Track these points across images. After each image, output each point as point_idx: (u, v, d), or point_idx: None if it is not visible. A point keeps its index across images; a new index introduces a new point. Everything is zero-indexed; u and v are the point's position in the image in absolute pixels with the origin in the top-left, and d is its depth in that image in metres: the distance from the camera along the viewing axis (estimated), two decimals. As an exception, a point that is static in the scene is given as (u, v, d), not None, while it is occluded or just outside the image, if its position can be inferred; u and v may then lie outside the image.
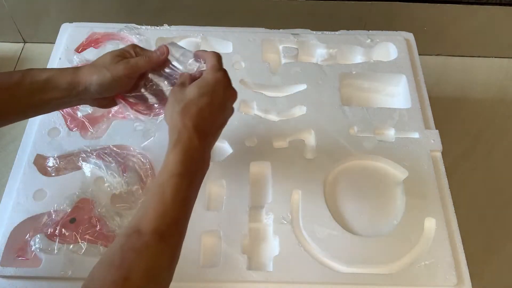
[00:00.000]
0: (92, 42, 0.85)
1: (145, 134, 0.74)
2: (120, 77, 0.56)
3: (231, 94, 0.55)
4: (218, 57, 0.56)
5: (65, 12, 1.20)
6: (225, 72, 0.55)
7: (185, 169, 0.48)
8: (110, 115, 0.76)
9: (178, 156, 0.48)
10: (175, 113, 0.51)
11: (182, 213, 0.48)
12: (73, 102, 0.57)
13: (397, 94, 0.84)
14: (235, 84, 0.79)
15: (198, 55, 0.59)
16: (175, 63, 0.59)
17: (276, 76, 0.82)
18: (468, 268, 0.64)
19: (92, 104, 0.60)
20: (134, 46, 0.59)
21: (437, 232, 0.66)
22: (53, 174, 0.70)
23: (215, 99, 0.53)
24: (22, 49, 1.29)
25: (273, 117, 0.78)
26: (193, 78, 0.56)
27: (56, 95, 0.55)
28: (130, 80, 0.57)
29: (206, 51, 0.58)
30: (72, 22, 0.89)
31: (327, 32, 0.89)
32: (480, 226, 1.03)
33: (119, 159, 0.70)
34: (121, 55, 0.57)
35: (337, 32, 0.89)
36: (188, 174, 0.48)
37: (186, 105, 0.51)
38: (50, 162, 0.70)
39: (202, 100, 0.52)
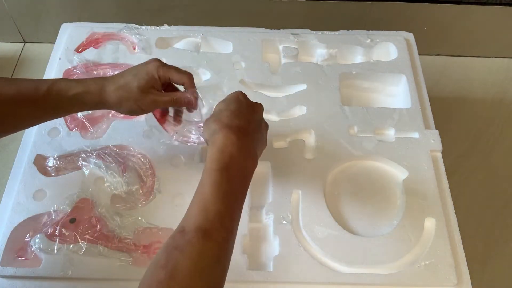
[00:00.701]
0: (92, 42, 0.85)
1: (145, 134, 0.74)
2: (145, 108, 0.60)
3: (255, 103, 0.57)
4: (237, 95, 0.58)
5: (65, 12, 1.20)
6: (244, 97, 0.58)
7: (222, 165, 0.48)
8: (110, 115, 0.76)
9: (215, 154, 0.49)
10: (210, 123, 0.53)
11: (225, 207, 0.47)
12: (99, 111, 0.64)
13: (397, 94, 0.84)
14: (235, 84, 0.80)
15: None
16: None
17: (276, 76, 0.82)
18: (468, 268, 0.64)
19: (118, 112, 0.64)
20: (158, 69, 0.60)
21: (437, 232, 0.66)
22: (53, 174, 0.70)
23: (242, 103, 0.55)
24: (22, 49, 1.29)
25: (273, 117, 0.78)
26: None
27: (82, 109, 0.60)
28: (155, 109, 0.63)
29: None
30: (72, 22, 0.89)
31: (327, 32, 0.89)
32: (480, 226, 1.03)
33: (119, 159, 0.70)
34: (149, 84, 0.59)
35: (337, 32, 0.89)
36: (226, 169, 0.48)
37: (218, 115, 0.53)
38: (50, 162, 0.70)
39: (230, 106, 0.54)
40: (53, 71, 0.81)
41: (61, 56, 0.83)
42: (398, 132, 0.76)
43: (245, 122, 0.53)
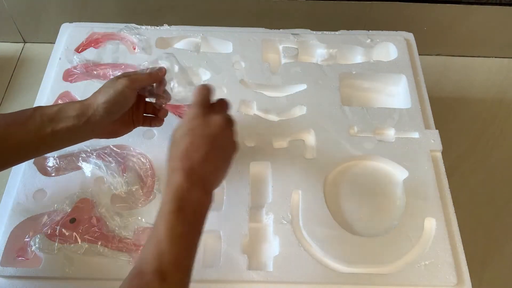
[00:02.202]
0: (92, 42, 0.85)
1: (145, 134, 0.74)
2: (123, 90, 0.58)
3: (217, 125, 0.52)
4: (201, 91, 0.55)
5: (65, 12, 1.20)
6: (207, 105, 0.54)
7: (176, 207, 0.48)
8: (110, 115, 0.76)
9: (168, 195, 0.48)
10: (168, 154, 0.52)
11: (180, 249, 0.47)
12: (85, 131, 0.58)
13: (397, 94, 0.84)
14: (235, 84, 0.80)
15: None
16: (173, 82, 0.62)
17: (276, 76, 0.82)
18: (468, 268, 0.64)
19: (104, 136, 0.64)
20: (134, 71, 0.62)
21: (437, 232, 0.66)
22: (53, 174, 0.70)
23: (195, 136, 0.51)
24: (22, 49, 1.29)
25: (273, 117, 0.78)
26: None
27: (67, 124, 0.56)
28: (132, 92, 0.59)
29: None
30: (72, 22, 0.89)
31: (327, 32, 0.89)
32: (480, 226, 1.03)
33: (119, 159, 0.71)
34: (122, 75, 0.60)
35: (337, 32, 0.89)
36: (180, 211, 0.48)
37: (173, 149, 0.52)
38: (50, 162, 0.70)
39: (183, 140, 0.51)
40: (53, 71, 0.81)
41: (61, 56, 0.83)
42: (398, 132, 0.76)
43: (200, 156, 0.50)
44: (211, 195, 0.51)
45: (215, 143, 0.52)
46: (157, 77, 0.62)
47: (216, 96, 0.58)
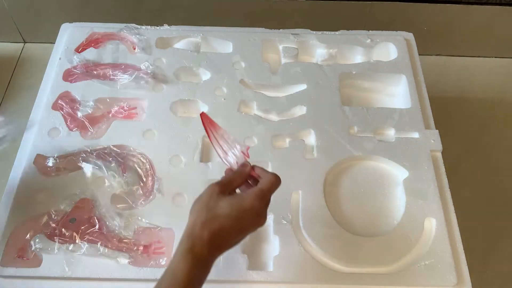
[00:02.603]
0: (92, 42, 0.85)
1: (145, 134, 0.74)
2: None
3: (258, 222, 0.53)
4: (275, 183, 0.54)
5: (65, 12, 1.20)
6: (267, 201, 0.54)
7: (192, 281, 0.48)
8: (110, 115, 0.76)
9: (188, 266, 0.48)
10: (198, 220, 0.51)
11: None
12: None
13: (397, 94, 0.84)
14: (235, 84, 0.80)
15: (255, 172, 0.56)
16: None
17: (276, 76, 0.82)
18: (468, 268, 0.64)
19: None
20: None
21: (437, 232, 0.66)
22: (53, 174, 0.70)
23: (240, 224, 0.51)
24: (22, 49, 1.29)
25: (273, 117, 0.78)
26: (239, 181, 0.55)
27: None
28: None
29: (266, 171, 0.56)
30: (72, 22, 0.89)
31: (327, 32, 0.89)
32: (480, 226, 1.03)
33: (119, 159, 0.70)
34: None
35: (337, 32, 0.89)
36: (193, 286, 0.49)
37: (212, 218, 0.51)
38: (50, 162, 0.70)
39: (227, 221, 0.51)
40: (53, 71, 0.81)
41: (61, 56, 0.83)
42: (398, 132, 0.76)
43: (226, 241, 0.51)
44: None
45: (245, 233, 0.53)
46: (245, 174, 0.57)
47: (215, 96, 0.57)
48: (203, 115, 0.57)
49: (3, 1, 1.17)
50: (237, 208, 0.51)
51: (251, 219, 0.52)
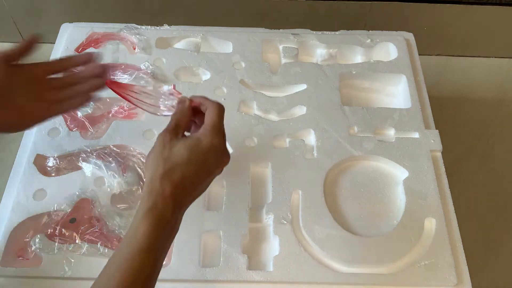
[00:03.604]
0: (92, 42, 0.85)
1: (145, 134, 0.74)
2: None
3: (223, 162, 0.50)
4: (220, 111, 0.50)
5: (65, 12, 1.20)
6: (223, 133, 0.50)
7: (154, 244, 0.44)
8: (110, 115, 0.76)
9: (149, 228, 0.44)
10: (156, 174, 0.46)
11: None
12: None
13: (397, 94, 0.84)
14: (235, 84, 0.80)
15: (196, 102, 0.52)
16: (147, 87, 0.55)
17: (276, 76, 0.82)
18: (468, 268, 0.64)
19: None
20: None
21: (437, 232, 0.66)
22: (53, 174, 0.70)
23: (203, 168, 0.47)
24: (22, 49, 1.29)
25: (273, 117, 0.78)
26: (188, 123, 0.51)
27: None
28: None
29: (207, 99, 0.52)
30: (72, 22, 0.89)
31: (327, 32, 0.89)
32: (480, 226, 1.03)
33: (119, 159, 0.70)
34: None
35: (337, 32, 0.89)
36: (156, 249, 0.44)
37: (170, 169, 0.46)
38: (50, 162, 0.70)
39: (189, 168, 0.46)
40: (53, 71, 0.81)
41: (61, 56, 0.83)
42: (398, 132, 0.76)
43: (190, 192, 0.47)
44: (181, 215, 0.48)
45: (211, 176, 0.49)
46: (186, 109, 0.52)
47: (216, 96, 0.56)
48: (109, 83, 0.52)
49: (3, 1, 1.17)
50: (196, 150, 0.47)
51: (214, 159, 0.48)
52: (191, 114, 0.51)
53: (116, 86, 0.52)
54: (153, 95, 0.53)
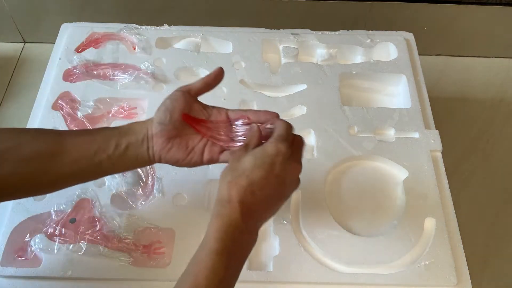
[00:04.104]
0: (92, 42, 0.85)
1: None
2: (172, 93, 0.55)
3: (294, 168, 0.50)
4: (287, 127, 0.51)
5: (65, 12, 1.20)
6: (291, 143, 0.51)
7: (223, 247, 0.44)
8: (110, 115, 0.76)
9: (218, 232, 0.45)
10: (225, 182, 0.47)
11: None
12: (142, 148, 0.53)
13: (397, 94, 0.84)
14: (235, 84, 0.80)
15: (267, 119, 0.54)
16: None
17: (276, 76, 0.82)
18: (468, 268, 0.64)
19: (162, 158, 0.54)
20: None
21: (437, 232, 0.66)
22: (53, 174, 0.70)
23: (271, 173, 0.47)
24: (22, 49, 1.29)
25: (273, 117, 0.78)
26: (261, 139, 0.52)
27: (130, 139, 0.53)
28: (182, 94, 0.55)
29: (278, 118, 0.54)
30: (72, 22, 0.89)
31: (327, 32, 0.89)
32: (480, 226, 1.03)
33: (119, 159, 0.70)
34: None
35: (337, 32, 0.89)
36: (226, 253, 0.44)
37: (237, 176, 0.47)
38: (50, 162, 0.70)
39: (255, 172, 0.47)
40: (53, 71, 0.81)
41: (61, 56, 0.83)
42: (398, 132, 0.76)
43: (261, 199, 0.47)
44: (257, 235, 0.48)
45: (283, 185, 0.49)
46: (210, 81, 0.56)
47: (215, 96, 0.57)
48: (185, 117, 0.54)
49: (3, 1, 1.17)
50: (260, 155, 0.47)
51: (283, 165, 0.48)
52: (261, 136, 0.53)
53: (192, 121, 0.54)
54: (225, 128, 0.55)
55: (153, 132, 0.53)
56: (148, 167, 0.70)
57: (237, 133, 0.55)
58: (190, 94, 0.55)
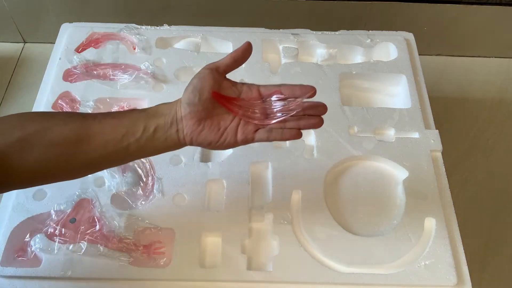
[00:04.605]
0: (92, 42, 0.85)
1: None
2: (200, 71, 0.52)
3: None
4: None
5: (65, 12, 1.20)
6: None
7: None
8: (110, 115, 0.76)
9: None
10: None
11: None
12: (171, 131, 0.52)
13: (397, 94, 0.84)
14: (235, 84, 0.80)
15: (303, 92, 0.54)
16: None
17: (276, 76, 0.82)
18: (468, 268, 0.64)
19: (193, 140, 0.52)
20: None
21: (437, 232, 0.66)
22: (53, 174, 0.70)
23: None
24: (22, 49, 1.29)
25: (273, 117, 0.78)
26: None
27: (159, 122, 0.51)
28: (210, 72, 0.52)
29: (314, 91, 0.53)
30: (72, 22, 0.89)
31: (327, 32, 0.89)
32: (480, 226, 1.03)
33: (119, 159, 0.70)
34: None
35: (337, 32, 0.89)
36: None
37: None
38: (50, 162, 0.70)
39: None
40: (53, 71, 0.81)
41: (61, 56, 0.83)
42: (398, 132, 0.76)
43: None
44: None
45: None
46: (238, 55, 0.54)
47: None
48: (215, 95, 0.51)
49: (3, 1, 1.17)
50: None
51: None
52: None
53: (223, 99, 0.52)
54: (259, 105, 0.52)
55: (182, 114, 0.51)
56: (148, 166, 0.70)
57: (272, 110, 0.52)
58: (218, 72, 0.52)
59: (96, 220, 0.64)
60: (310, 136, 0.76)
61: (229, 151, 0.73)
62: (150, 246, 0.63)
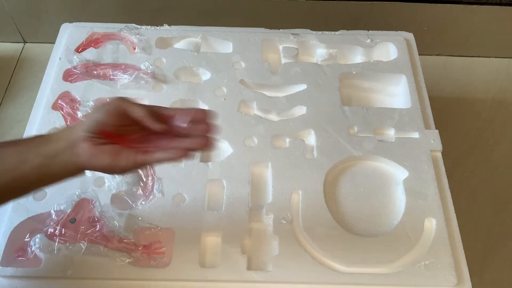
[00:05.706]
0: (92, 42, 0.85)
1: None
2: (111, 110, 0.49)
3: None
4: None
5: (65, 12, 1.20)
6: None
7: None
8: (110, 115, 0.76)
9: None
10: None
11: None
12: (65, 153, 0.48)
13: (397, 94, 0.84)
14: (235, 84, 0.80)
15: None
16: None
17: (276, 76, 0.82)
18: (468, 268, 0.64)
19: (89, 164, 0.49)
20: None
21: (437, 232, 0.66)
22: (53, 174, 0.70)
23: None
24: (22, 49, 1.29)
25: (273, 117, 0.78)
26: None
27: (59, 147, 0.48)
28: (116, 102, 0.49)
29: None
30: (72, 22, 0.89)
31: (327, 32, 0.89)
32: (480, 226, 1.03)
33: (119, 159, 0.70)
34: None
35: (337, 32, 0.89)
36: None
37: None
38: (50, 162, 0.70)
39: None
40: (53, 71, 0.81)
41: (61, 56, 0.83)
42: (398, 132, 0.76)
43: None
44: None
45: None
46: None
47: (215, 95, 0.55)
48: (108, 136, 0.49)
49: (3, 1, 1.17)
50: None
51: None
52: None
53: (116, 139, 0.50)
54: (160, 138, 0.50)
55: (78, 139, 0.48)
56: (148, 166, 0.70)
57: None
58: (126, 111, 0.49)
59: (96, 220, 0.64)
60: (310, 136, 0.76)
61: (229, 151, 0.73)
62: (150, 246, 0.63)
